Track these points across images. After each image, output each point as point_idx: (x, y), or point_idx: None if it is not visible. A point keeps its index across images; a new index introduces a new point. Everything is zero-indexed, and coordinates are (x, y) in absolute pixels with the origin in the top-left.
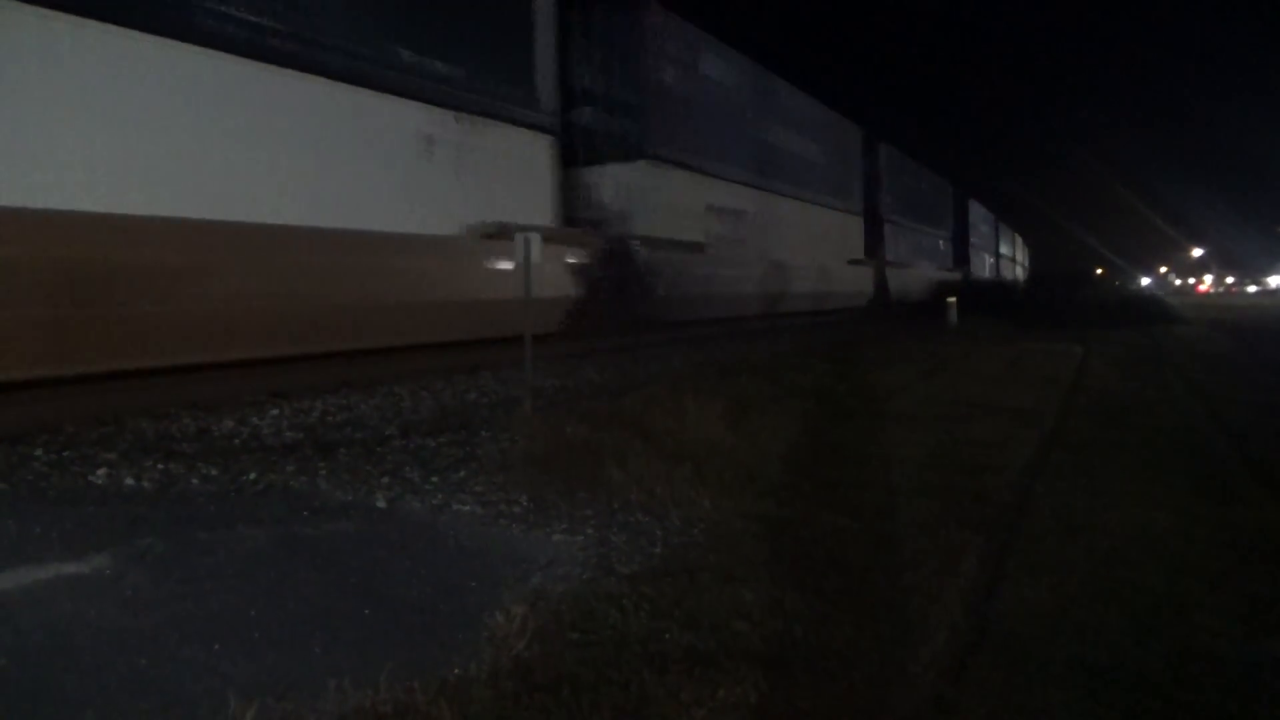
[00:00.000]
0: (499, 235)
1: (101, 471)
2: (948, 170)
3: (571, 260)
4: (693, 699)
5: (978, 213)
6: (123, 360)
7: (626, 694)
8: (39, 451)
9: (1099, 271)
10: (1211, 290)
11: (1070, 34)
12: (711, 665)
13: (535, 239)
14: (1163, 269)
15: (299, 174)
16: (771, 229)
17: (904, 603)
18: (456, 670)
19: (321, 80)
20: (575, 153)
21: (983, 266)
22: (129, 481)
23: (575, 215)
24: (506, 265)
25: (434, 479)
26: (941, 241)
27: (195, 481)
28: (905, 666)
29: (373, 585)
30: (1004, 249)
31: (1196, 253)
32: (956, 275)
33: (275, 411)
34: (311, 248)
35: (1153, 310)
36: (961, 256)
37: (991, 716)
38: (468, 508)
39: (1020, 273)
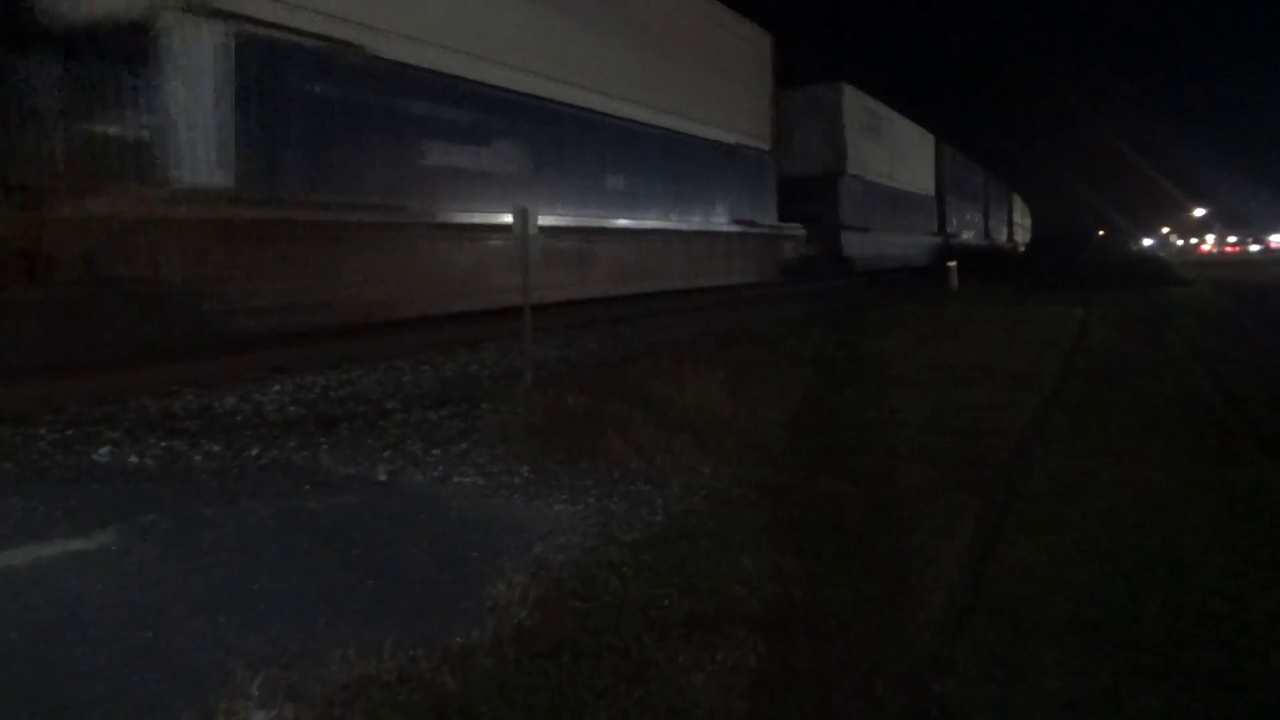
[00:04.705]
0: None
1: (105, 450)
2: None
3: None
4: (692, 662)
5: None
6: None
7: (627, 659)
8: (43, 431)
9: (1100, 233)
10: (1213, 250)
11: None
12: (711, 630)
13: (533, 211)
14: (1165, 229)
15: None
16: None
17: (901, 565)
18: (459, 639)
19: None
20: None
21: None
22: (133, 459)
23: None
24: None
25: (435, 451)
26: None
27: (198, 458)
28: (903, 628)
29: (376, 557)
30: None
31: (1199, 213)
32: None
33: (277, 387)
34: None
35: (1154, 271)
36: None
37: (987, 675)
38: (469, 479)
39: (1018, 234)
